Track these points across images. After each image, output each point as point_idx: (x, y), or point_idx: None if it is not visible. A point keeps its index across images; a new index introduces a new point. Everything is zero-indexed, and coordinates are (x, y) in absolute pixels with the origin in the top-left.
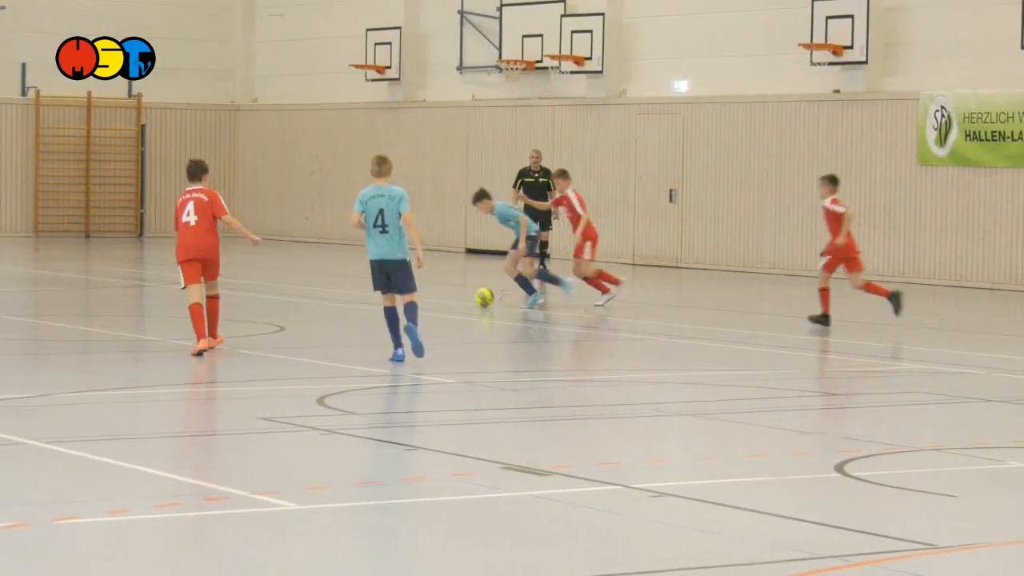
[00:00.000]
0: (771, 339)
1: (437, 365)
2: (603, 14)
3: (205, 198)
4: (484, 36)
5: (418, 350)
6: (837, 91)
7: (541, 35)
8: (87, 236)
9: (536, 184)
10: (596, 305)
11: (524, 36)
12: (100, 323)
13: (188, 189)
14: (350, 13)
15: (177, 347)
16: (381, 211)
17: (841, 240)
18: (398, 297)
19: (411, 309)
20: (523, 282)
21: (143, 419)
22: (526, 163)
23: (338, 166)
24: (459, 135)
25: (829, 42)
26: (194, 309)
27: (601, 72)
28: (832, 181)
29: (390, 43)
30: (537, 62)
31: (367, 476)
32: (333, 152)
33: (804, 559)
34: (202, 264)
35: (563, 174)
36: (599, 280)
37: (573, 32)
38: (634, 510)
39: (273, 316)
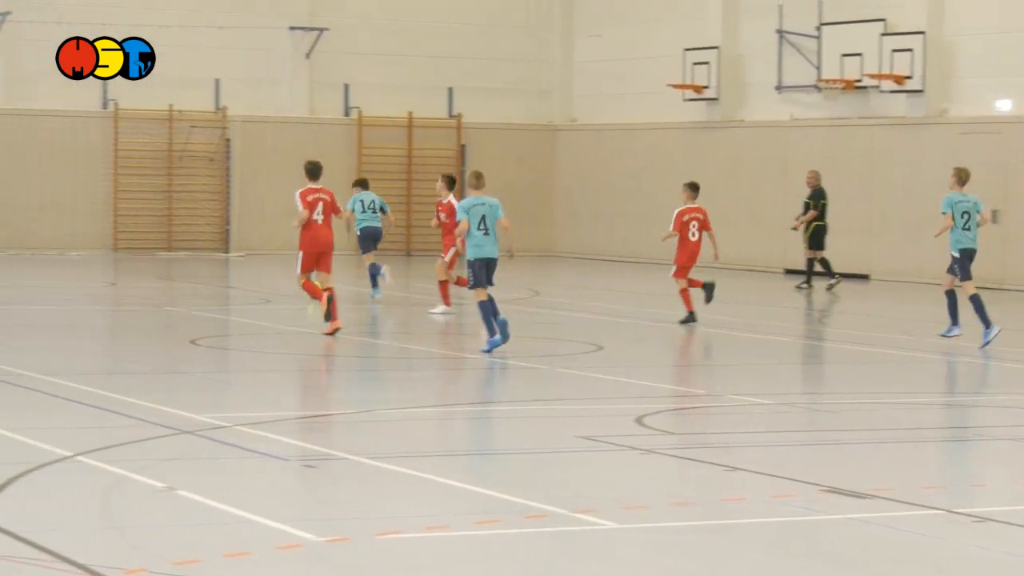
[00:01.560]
0: None
1: (753, 385)
2: (924, 32)
3: (328, 198)
4: (803, 55)
5: (506, 336)
6: None
7: (860, 54)
8: (408, 255)
9: (804, 202)
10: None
11: (843, 55)
12: (419, 340)
13: (312, 187)
14: (668, 33)
15: (496, 364)
16: (483, 217)
17: (663, 237)
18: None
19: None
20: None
21: (462, 435)
22: (840, 184)
23: (655, 186)
24: (776, 155)
25: None
26: (307, 284)
27: (922, 91)
28: (693, 188)
29: (708, 62)
30: (856, 81)
31: (685, 496)
32: (650, 172)
33: None
34: (323, 256)
35: (448, 181)
36: (446, 288)
37: (893, 51)
38: (956, 535)
39: (591, 335)
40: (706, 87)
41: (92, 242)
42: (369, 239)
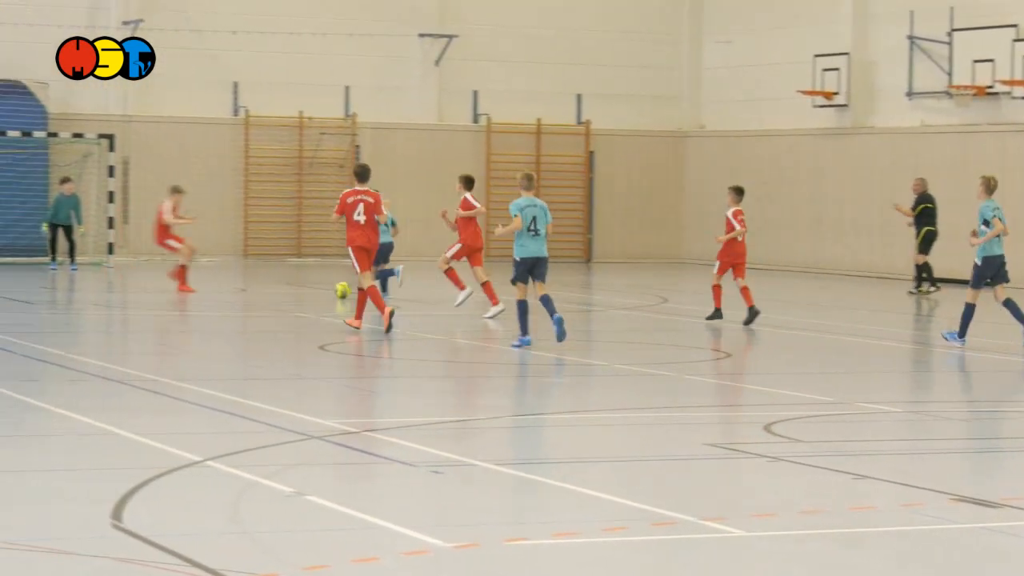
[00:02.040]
0: None
1: (880, 393)
2: None
3: (371, 200)
4: (934, 61)
5: (562, 337)
6: None
7: (992, 60)
8: None
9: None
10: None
11: (974, 61)
12: (545, 347)
13: (356, 189)
14: (798, 39)
15: (624, 371)
16: (534, 218)
17: (720, 240)
18: (538, 285)
19: (549, 300)
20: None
21: (589, 442)
22: (971, 190)
23: (784, 193)
24: (907, 162)
25: None
26: (372, 290)
27: None
28: (738, 192)
29: (838, 69)
30: (988, 87)
31: (813, 504)
32: (779, 178)
33: None
34: (368, 253)
35: (465, 181)
36: (455, 276)
37: None
38: None
39: (719, 342)
40: (836, 93)
41: (223, 248)
42: (381, 256)
